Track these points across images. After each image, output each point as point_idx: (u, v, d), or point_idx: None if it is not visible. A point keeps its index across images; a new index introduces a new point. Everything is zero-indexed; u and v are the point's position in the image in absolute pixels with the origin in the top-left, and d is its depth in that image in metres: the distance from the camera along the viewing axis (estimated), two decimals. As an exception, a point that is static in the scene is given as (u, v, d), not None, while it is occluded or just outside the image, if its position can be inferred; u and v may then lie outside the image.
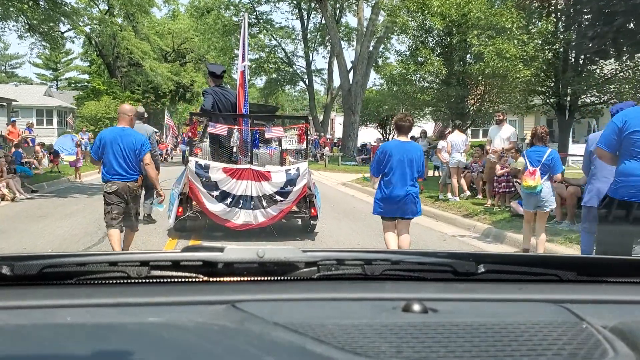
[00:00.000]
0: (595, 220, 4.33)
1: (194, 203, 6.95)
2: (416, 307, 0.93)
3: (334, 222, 8.96)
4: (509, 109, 15.51)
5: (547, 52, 11.98)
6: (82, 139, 23.16)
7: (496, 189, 9.69)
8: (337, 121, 40.56)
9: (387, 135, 29.83)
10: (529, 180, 5.99)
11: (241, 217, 6.73)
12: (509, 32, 11.78)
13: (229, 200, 6.68)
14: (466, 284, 1.12)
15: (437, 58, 14.25)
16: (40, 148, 19.50)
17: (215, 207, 6.68)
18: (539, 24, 12.10)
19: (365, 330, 0.86)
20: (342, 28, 33.48)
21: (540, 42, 12.05)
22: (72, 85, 44.44)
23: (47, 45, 18.47)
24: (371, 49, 28.19)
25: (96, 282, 1.07)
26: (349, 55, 41.10)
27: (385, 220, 5.44)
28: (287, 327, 0.85)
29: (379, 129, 33.13)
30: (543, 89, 13.06)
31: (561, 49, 12.28)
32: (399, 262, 1.15)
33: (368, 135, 32.18)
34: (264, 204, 6.75)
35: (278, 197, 6.79)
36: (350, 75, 28.21)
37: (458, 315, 0.93)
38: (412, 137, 20.27)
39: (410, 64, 14.89)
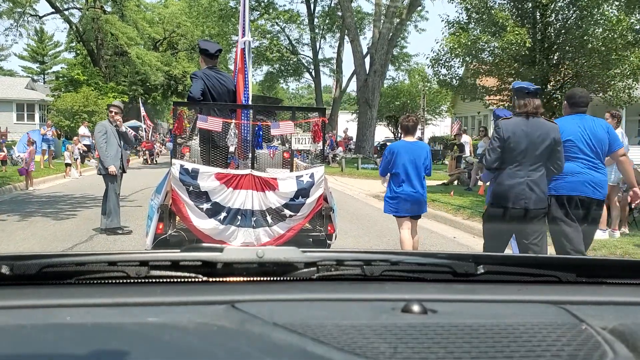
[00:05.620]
0: None
1: (178, 218, 6.06)
2: (415, 308, 1.03)
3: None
4: (604, 98, 12.71)
5: None
6: (46, 132, 21.19)
7: None
8: (343, 118, 40.39)
9: (399, 134, 29.63)
10: None
11: (239, 238, 5.84)
12: None
13: (223, 215, 5.77)
14: (466, 285, 1.23)
15: (519, 26, 12.10)
16: None
17: (205, 224, 5.76)
18: None
19: (364, 330, 0.95)
20: (353, 13, 33.19)
21: None
22: (60, 78, 44.45)
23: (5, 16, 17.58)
24: (391, 35, 27.37)
25: (95, 281, 1.18)
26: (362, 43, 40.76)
27: (399, 219, 6.28)
28: (287, 328, 0.95)
29: (389, 127, 33.04)
30: None
31: None
32: (399, 263, 1.26)
33: (378, 133, 31.93)
34: (269, 220, 5.86)
35: (287, 212, 5.89)
36: (367, 64, 27.53)
37: (457, 316, 1.03)
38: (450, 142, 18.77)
39: (479, 32, 12.58)
